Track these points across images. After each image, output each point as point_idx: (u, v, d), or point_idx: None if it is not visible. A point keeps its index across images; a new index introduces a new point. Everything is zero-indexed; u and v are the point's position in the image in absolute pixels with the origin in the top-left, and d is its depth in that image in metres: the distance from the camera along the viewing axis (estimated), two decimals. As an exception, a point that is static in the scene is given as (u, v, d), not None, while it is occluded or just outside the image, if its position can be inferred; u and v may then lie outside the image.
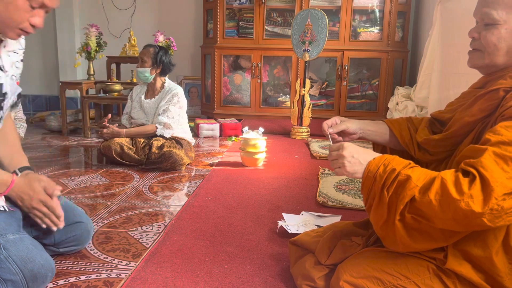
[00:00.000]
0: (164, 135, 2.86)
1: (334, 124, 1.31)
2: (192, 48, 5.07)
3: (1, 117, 1.35)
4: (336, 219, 1.87)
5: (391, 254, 1.10)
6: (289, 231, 1.72)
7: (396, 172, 1.00)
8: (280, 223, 1.79)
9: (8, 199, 1.33)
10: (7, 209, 1.28)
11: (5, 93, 1.30)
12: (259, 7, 4.29)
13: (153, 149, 2.75)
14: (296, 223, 1.80)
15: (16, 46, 1.36)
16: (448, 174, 0.95)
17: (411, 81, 4.54)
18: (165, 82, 3.03)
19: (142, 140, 2.86)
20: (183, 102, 2.97)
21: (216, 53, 4.44)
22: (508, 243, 0.98)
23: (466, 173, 0.94)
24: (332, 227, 1.39)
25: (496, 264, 0.98)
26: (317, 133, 3.94)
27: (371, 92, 4.46)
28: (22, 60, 1.42)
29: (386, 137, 1.34)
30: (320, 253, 1.27)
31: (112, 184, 2.45)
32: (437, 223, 0.96)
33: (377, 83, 4.40)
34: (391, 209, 1.00)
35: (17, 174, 1.39)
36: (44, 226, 1.37)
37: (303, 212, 1.95)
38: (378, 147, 1.41)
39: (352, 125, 1.30)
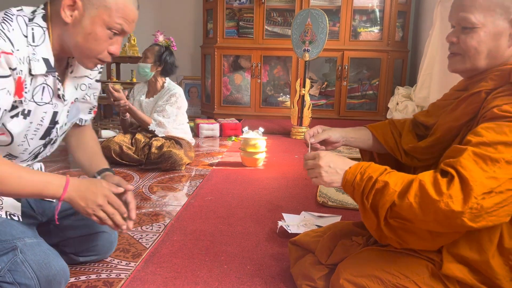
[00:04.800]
0: (156, 132, 2.86)
1: (316, 133, 1.30)
2: (192, 48, 5.07)
3: (53, 139, 1.30)
4: (336, 219, 1.87)
5: (391, 253, 1.10)
6: (289, 231, 1.72)
7: (373, 179, 1.00)
8: (280, 223, 1.79)
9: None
10: (20, 219, 1.25)
11: (57, 121, 1.24)
12: (259, 7, 4.29)
13: (153, 149, 2.74)
14: (296, 223, 1.80)
15: (87, 71, 1.31)
16: (427, 176, 0.95)
17: (411, 81, 4.54)
18: (165, 82, 3.04)
19: (142, 140, 2.86)
20: (181, 102, 2.96)
21: (216, 53, 4.44)
22: (503, 245, 0.98)
23: (445, 173, 0.94)
24: (332, 227, 1.39)
25: (493, 268, 0.98)
26: (317, 133, 3.93)
27: (371, 92, 4.46)
28: (98, 80, 1.38)
29: (369, 142, 1.34)
30: (320, 253, 1.27)
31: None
32: (420, 225, 0.97)
33: (377, 83, 4.40)
34: (376, 214, 1.02)
35: (95, 177, 1.33)
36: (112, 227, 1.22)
37: (303, 212, 1.95)
38: (366, 153, 1.40)
39: (334, 133, 1.30)
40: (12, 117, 1.10)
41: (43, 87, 1.15)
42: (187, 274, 1.42)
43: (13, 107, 1.09)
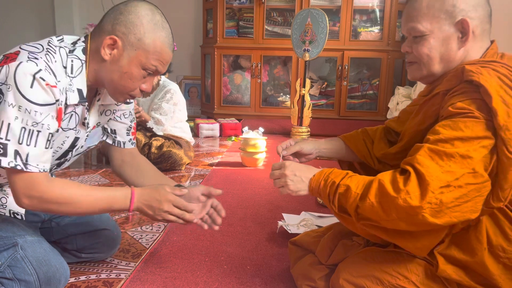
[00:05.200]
0: (154, 130, 2.86)
1: (288, 146, 1.33)
2: (192, 48, 5.07)
3: (68, 159, 1.32)
4: (336, 219, 1.86)
5: (391, 253, 1.10)
6: (289, 231, 1.72)
7: (336, 184, 1.02)
8: (280, 223, 1.79)
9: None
10: (23, 218, 1.27)
11: (75, 145, 1.27)
12: (259, 6, 4.29)
13: (153, 149, 2.74)
14: (296, 223, 1.80)
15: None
16: (386, 175, 0.98)
17: (412, 81, 4.54)
18: (160, 80, 3.02)
19: (141, 140, 2.86)
20: (177, 98, 2.92)
21: (216, 53, 4.44)
22: (492, 243, 0.99)
23: (403, 171, 0.97)
24: (332, 227, 1.39)
25: (488, 268, 0.98)
26: (317, 133, 3.94)
27: (371, 92, 4.45)
28: (127, 102, 1.38)
29: (343, 152, 1.36)
30: (321, 253, 1.27)
31: (112, 184, 2.45)
32: (387, 225, 0.98)
33: (377, 83, 4.39)
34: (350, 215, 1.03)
35: None
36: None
37: (303, 212, 1.95)
38: (344, 163, 1.42)
39: (306, 145, 1.32)
40: None
41: (71, 115, 1.18)
42: (187, 274, 1.42)
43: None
